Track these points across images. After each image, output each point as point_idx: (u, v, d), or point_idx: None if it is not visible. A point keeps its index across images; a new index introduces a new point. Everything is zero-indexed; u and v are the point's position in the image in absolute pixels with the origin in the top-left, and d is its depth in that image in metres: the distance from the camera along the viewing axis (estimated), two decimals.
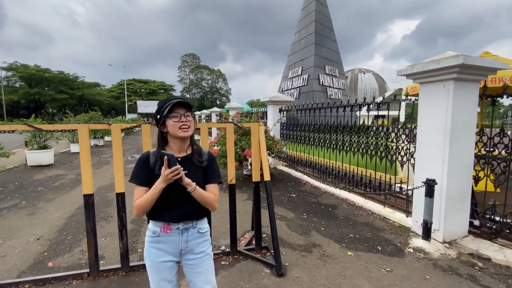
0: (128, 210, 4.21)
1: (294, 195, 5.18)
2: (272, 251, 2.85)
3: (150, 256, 1.43)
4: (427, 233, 3.11)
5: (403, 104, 4.39)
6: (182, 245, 1.43)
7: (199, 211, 1.45)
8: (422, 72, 3.15)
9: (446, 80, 3.01)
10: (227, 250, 2.95)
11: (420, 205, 3.28)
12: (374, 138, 4.57)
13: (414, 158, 3.77)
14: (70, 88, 42.97)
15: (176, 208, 1.39)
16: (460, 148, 3.10)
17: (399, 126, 4.07)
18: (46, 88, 41.85)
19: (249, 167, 5.90)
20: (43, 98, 41.60)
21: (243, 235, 3.42)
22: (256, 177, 2.93)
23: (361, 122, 5.09)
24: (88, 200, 2.44)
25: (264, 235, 3.38)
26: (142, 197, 1.35)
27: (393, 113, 4.38)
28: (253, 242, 3.14)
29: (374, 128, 4.63)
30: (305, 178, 6.26)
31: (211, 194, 1.43)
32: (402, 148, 3.96)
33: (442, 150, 3.09)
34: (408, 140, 3.85)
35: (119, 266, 2.59)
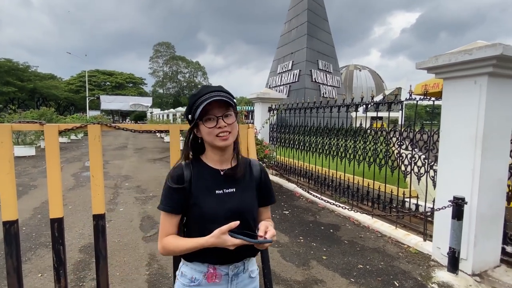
0: (74, 237, 3.80)
1: (287, 212, 4.83)
2: None
3: None
4: (454, 264, 2.84)
5: (404, 105, 4.18)
6: None
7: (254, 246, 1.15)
8: (449, 65, 2.89)
9: (478, 75, 2.77)
10: None
11: (443, 228, 3.03)
12: (383, 144, 4.31)
13: (433, 170, 3.52)
14: (20, 79, 40.82)
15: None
16: (493, 159, 2.86)
17: (415, 130, 3.83)
18: None
19: None
20: None
21: None
22: None
23: (358, 124, 4.86)
24: (10, 229, 1.96)
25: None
26: (175, 242, 1.10)
27: (392, 114, 4.17)
28: None
29: (382, 131, 4.38)
30: (299, 190, 5.94)
31: (270, 221, 1.22)
32: (419, 157, 3.70)
33: (472, 162, 2.83)
34: (427, 147, 3.59)
35: None
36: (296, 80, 19.22)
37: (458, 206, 2.74)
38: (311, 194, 4.82)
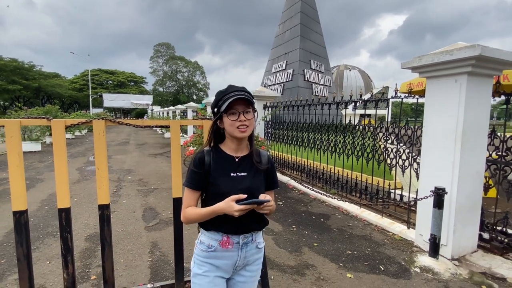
0: (80, 227, 3.81)
1: (281, 202, 4.88)
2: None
3: (203, 273, 1.30)
4: (435, 249, 2.90)
5: (390, 103, 4.22)
6: (240, 262, 1.32)
7: (261, 221, 1.35)
8: (432, 65, 2.93)
9: (458, 74, 2.81)
10: None
11: (425, 216, 3.09)
12: (370, 139, 4.36)
13: (417, 163, 3.58)
14: (25, 78, 40.17)
15: (237, 217, 1.24)
16: (472, 152, 2.91)
17: (400, 126, 3.88)
18: None
19: None
20: None
21: None
22: None
23: (347, 121, 4.91)
24: (20, 218, 1.97)
25: None
26: (194, 210, 1.26)
27: (380, 112, 4.21)
28: None
29: (370, 127, 4.42)
30: (292, 182, 5.99)
31: (273, 202, 1.35)
32: (404, 151, 3.76)
33: (452, 155, 2.89)
34: (411, 142, 3.65)
35: None
36: (290, 79, 19.22)
37: (439, 196, 2.80)
38: (303, 186, 4.88)
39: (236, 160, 1.32)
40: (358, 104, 4.62)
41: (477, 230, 3.15)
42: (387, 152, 4.02)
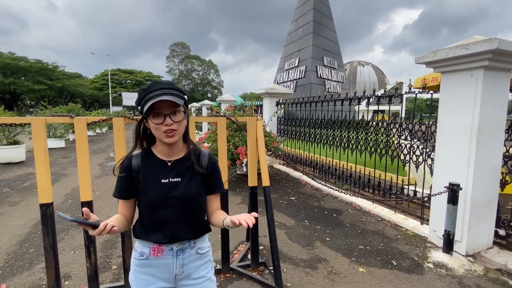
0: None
1: (294, 198, 4.87)
2: (271, 268, 2.53)
3: (137, 283, 1.18)
4: (449, 245, 2.83)
5: (404, 99, 4.12)
6: (177, 270, 1.18)
7: (198, 228, 1.21)
8: (447, 60, 2.84)
9: (474, 69, 2.71)
10: (218, 267, 2.63)
11: (439, 212, 3.02)
12: (384, 135, 4.28)
13: (431, 159, 3.49)
14: (49, 78, 41.61)
15: (168, 225, 1.14)
16: (488, 148, 2.82)
17: (414, 122, 3.79)
18: (23, 78, 40.48)
19: (244, 169, 5.59)
20: (19, 89, 40.23)
21: (236, 248, 3.10)
22: (252, 181, 2.59)
23: (360, 117, 4.83)
24: (46, 211, 2.06)
25: (261, 247, 3.06)
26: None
27: (394, 108, 4.11)
28: (249, 256, 2.83)
29: (383, 123, 4.34)
30: (305, 178, 5.96)
31: (224, 214, 1.22)
32: (418, 147, 3.67)
33: (467, 151, 2.80)
34: (425, 137, 3.56)
35: None
36: (302, 76, 19.04)
37: (453, 192, 2.73)
38: (316, 181, 4.84)
39: (169, 164, 1.16)
40: (371, 99, 4.53)
41: (492, 227, 3.05)
42: (400, 148, 3.94)
